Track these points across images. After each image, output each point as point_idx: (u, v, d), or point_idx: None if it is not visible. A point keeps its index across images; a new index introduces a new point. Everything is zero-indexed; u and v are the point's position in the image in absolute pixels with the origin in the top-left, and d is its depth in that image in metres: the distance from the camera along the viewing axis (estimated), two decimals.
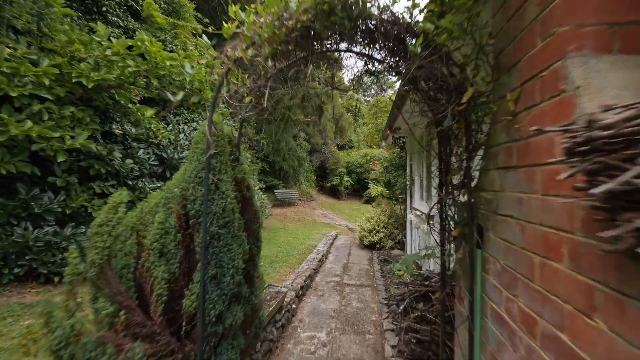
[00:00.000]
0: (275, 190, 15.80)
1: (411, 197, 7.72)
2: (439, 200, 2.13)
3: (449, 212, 2.05)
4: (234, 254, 1.98)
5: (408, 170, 7.69)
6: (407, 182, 7.49)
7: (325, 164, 25.70)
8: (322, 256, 7.16)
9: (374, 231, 8.56)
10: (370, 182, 10.84)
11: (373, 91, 56.97)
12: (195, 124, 8.30)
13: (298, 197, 17.42)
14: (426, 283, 4.17)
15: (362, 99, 46.97)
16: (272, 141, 13.99)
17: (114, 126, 5.34)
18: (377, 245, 8.34)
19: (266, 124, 14.93)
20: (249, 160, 13.00)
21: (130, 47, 4.60)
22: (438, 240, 2.20)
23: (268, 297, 3.65)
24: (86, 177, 4.84)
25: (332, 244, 9.09)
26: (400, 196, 8.24)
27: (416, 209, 6.51)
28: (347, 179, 23.55)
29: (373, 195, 21.31)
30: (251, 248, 2.22)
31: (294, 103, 11.17)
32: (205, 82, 5.09)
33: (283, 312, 3.80)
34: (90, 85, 4.26)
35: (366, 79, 2.40)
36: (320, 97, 13.58)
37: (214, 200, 1.96)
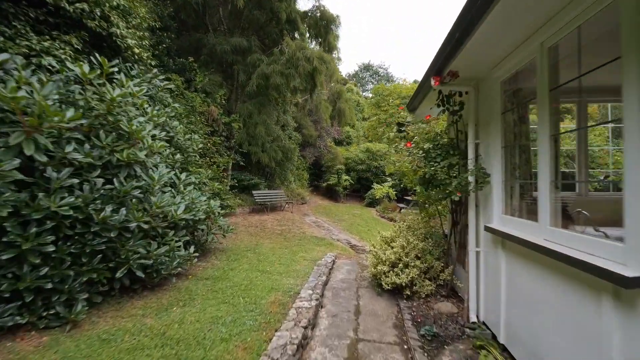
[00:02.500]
0: (253, 192, 12.12)
1: (479, 206, 4.12)
2: None
3: None
4: None
5: (471, 154, 4.08)
6: (475, 179, 3.88)
7: (321, 160, 22.09)
8: (306, 325, 3.52)
9: (401, 264, 4.93)
10: (388, 178, 7.04)
11: (371, 85, 53.31)
12: None
13: (285, 200, 13.78)
14: None
15: (361, 93, 43.42)
16: (247, 124, 10.32)
17: None
18: (407, 291, 4.72)
19: (240, 102, 11.27)
20: (212, 149, 9.36)
21: None
22: None
23: None
24: None
25: (326, 282, 5.46)
26: (455, 201, 4.63)
27: (512, 236, 2.92)
28: (346, 177, 19.95)
29: (377, 197, 17.71)
30: None
31: (273, 70, 7.44)
32: None
33: None
34: None
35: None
36: (312, 61, 9.97)
37: None
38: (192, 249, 5.03)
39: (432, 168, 4.26)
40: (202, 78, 9.95)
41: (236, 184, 12.15)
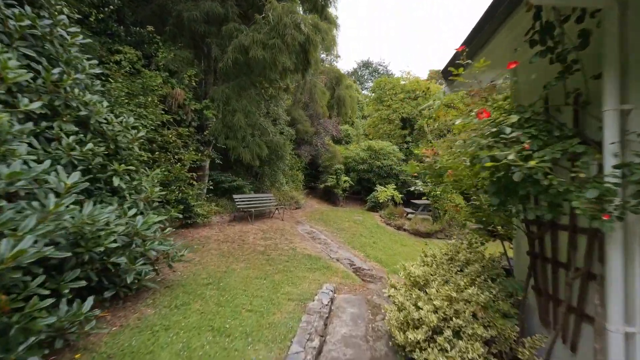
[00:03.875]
0: (234, 196, 10.00)
1: (635, 242, 2.01)
2: None
3: None
4: None
5: (613, 133, 1.99)
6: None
7: (318, 159, 19.97)
8: None
9: (448, 331, 2.85)
10: (418, 183, 4.79)
11: (371, 83, 51.37)
12: None
13: (275, 205, 11.67)
14: None
15: (360, 90, 41.40)
16: (223, 112, 8.19)
17: None
18: None
19: (216, 85, 9.15)
20: (176, 143, 7.30)
21: None
22: None
23: None
24: None
25: (320, 349, 3.37)
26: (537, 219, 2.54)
27: None
28: (346, 178, 17.85)
29: (381, 201, 15.62)
30: None
31: (253, 40, 5.32)
32: None
33: None
34: None
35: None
36: (303, 28, 7.79)
37: None
38: (88, 302, 2.92)
39: (535, 164, 2.13)
40: (165, 53, 7.85)
41: (212, 187, 10.03)
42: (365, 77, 55.50)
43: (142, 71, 7.42)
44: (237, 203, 9.86)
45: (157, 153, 7.08)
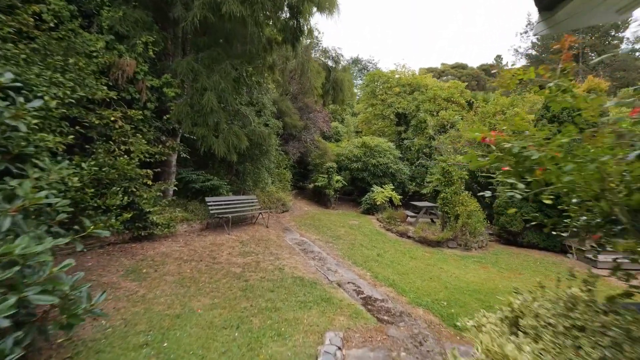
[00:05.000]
0: (207, 199, 8.10)
1: None
2: None
3: None
4: None
5: None
6: None
7: (307, 156, 18.21)
8: None
9: None
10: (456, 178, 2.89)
11: (360, 81, 50.05)
12: None
13: (259, 209, 9.84)
14: None
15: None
16: (190, 90, 6.30)
17: None
18: None
19: (179, 56, 7.23)
20: (124, 129, 5.41)
21: None
22: None
23: None
24: None
25: None
26: None
27: None
28: (338, 178, 16.14)
29: (378, 203, 14.00)
30: None
31: None
32: None
33: None
34: None
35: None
36: None
37: None
38: None
39: None
40: (111, 12, 5.91)
41: (178, 188, 8.11)
42: (355, 74, 54.16)
43: (79, 33, 5.46)
44: (210, 208, 7.97)
45: (98, 142, 5.16)
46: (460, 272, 6.98)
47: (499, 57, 52.25)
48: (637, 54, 27.75)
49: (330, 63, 8.82)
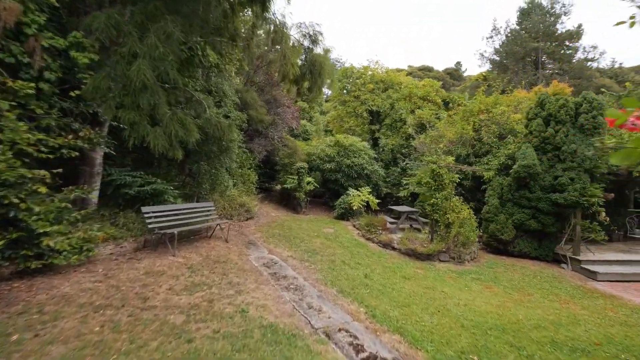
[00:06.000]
0: (143, 209, 6.12)
1: None
2: None
3: None
4: None
5: None
6: None
7: (274, 155, 16.48)
8: None
9: None
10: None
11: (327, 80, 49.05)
12: None
13: (217, 219, 7.99)
14: None
15: None
16: (113, 56, 4.39)
17: None
18: None
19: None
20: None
21: None
22: None
23: None
24: None
25: None
26: None
27: None
28: (309, 179, 14.60)
29: (355, 208, 12.62)
30: None
31: None
32: None
33: None
34: None
35: None
36: None
37: None
38: None
39: None
40: None
41: (104, 194, 6.07)
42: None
43: None
44: (148, 220, 6.00)
45: None
46: (467, 298, 5.72)
47: (458, 64, 54.41)
48: (588, 63, 29.13)
49: (306, 43, 7.20)
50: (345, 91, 20.64)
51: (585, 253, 8.37)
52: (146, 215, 6.04)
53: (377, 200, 13.12)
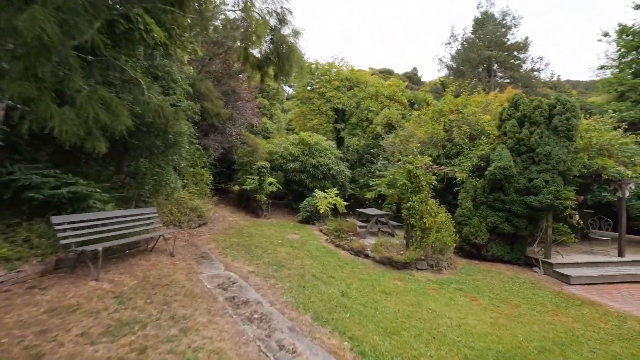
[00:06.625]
0: (55, 219, 4.61)
1: None
2: None
3: None
4: None
5: None
6: None
7: (232, 153, 15.07)
8: None
9: None
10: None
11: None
12: None
13: (160, 228, 6.58)
14: None
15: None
16: None
17: None
18: None
19: None
20: None
21: None
22: None
23: None
24: None
25: None
26: None
27: None
28: (271, 180, 13.43)
29: (322, 211, 11.70)
30: None
31: None
32: None
33: None
34: None
35: None
36: None
37: None
38: None
39: None
40: None
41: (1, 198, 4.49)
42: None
43: None
44: (61, 234, 4.52)
45: None
46: (457, 316, 5.04)
47: (415, 69, 56.61)
48: (534, 73, 31.22)
49: (272, 22, 6.11)
50: (309, 88, 19.72)
51: (554, 256, 8.27)
52: (58, 227, 4.54)
53: (345, 203, 12.34)
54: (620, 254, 8.15)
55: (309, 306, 4.74)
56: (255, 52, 7.08)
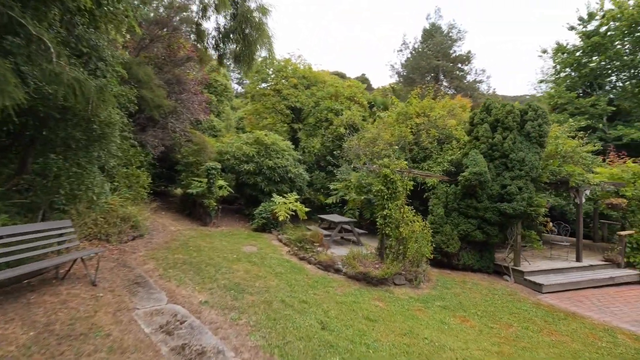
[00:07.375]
0: None
1: None
2: None
3: None
4: None
5: None
6: None
7: (175, 152, 13.19)
8: None
9: None
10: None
11: (237, 74, 45.48)
12: None
13: (76, 247, 4.90)
14: None
15: (230, 75, 35.07)
16: None
17: None
18: None
19: None
20: None
21: None
22: None
23: None
24: None
25: None
26: None
27: None
28: (222, 183, 11.92)
29: (281, 219, 10.52)
30: None
31: None
32: None
33: None
34: None
35: None
36: None
37: None
38: None
39: None
40: None
41: None
42: (232, 66, 49.05)
43: None
44: None
45: None
46: (458, 346, 4.37)
47: (363, 75, 58.33)
48: (477, 84, 33.52)
49: None
50: (264, 84, 18.42)
51: (521, 263, 8.24)
52: None
53: (307, 209, 11.35)
54: (578, 259, 8.41)
55: (286, 351, 3.65)
56: (212, 29, 5.79)
